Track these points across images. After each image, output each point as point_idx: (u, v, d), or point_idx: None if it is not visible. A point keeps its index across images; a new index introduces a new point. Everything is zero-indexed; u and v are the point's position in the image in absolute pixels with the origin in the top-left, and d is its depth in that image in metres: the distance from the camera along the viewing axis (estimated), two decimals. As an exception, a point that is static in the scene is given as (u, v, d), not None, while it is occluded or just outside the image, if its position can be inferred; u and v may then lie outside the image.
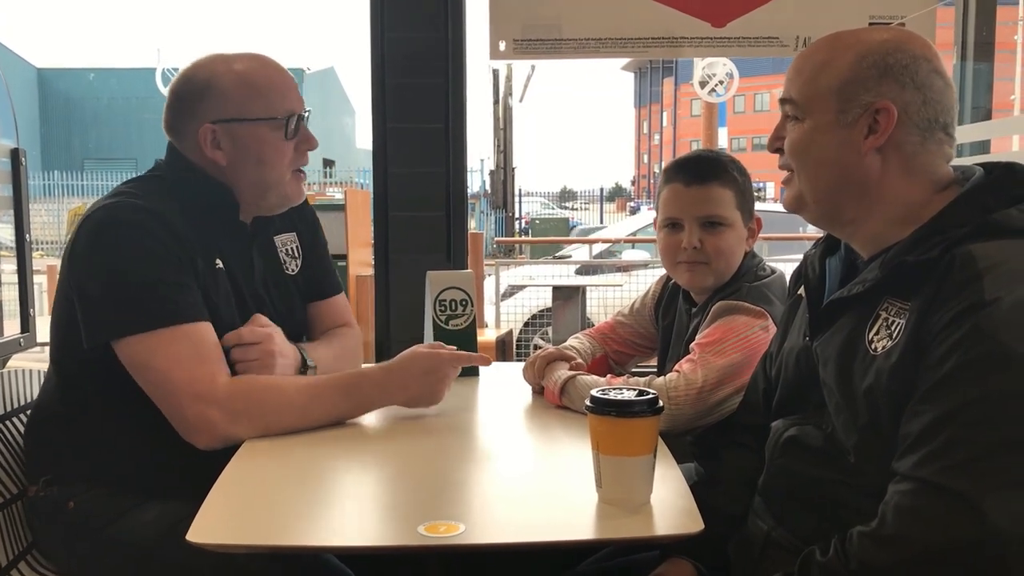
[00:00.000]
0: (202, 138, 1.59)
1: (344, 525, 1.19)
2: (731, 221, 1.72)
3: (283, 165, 1.63)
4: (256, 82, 1.61)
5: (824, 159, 1.23)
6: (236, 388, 1.48)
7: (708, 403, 1.57)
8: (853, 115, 1.19)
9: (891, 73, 1.18)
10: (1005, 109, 4.43)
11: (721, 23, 2.25)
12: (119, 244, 1.49)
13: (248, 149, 1.60)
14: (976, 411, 1.02)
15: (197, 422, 1.44)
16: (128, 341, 1.46)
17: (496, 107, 19.70)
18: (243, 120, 1.59)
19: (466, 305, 1.96)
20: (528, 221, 25.36)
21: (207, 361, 1.47)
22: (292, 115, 1.61)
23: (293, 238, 1.80)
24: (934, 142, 1.19)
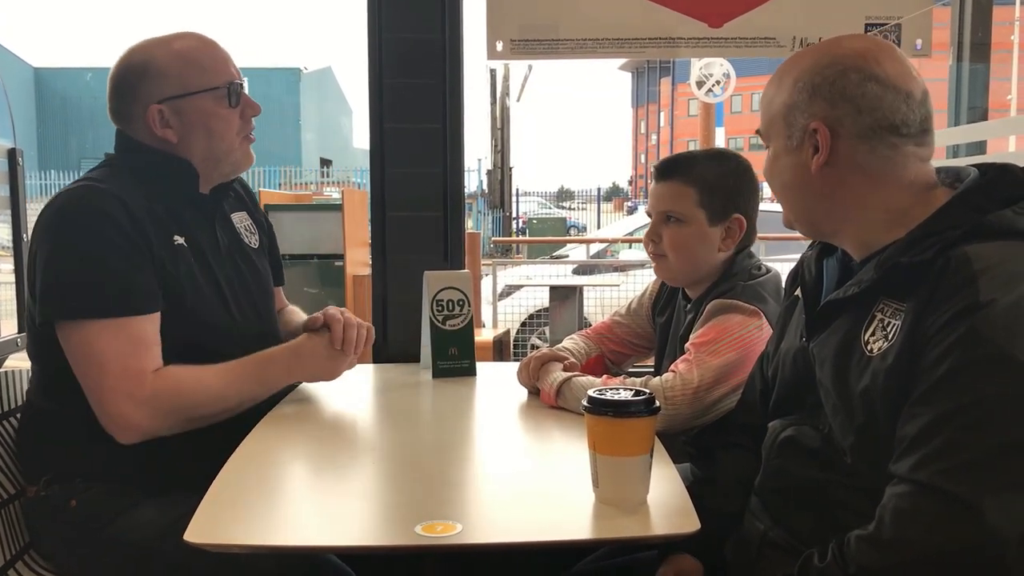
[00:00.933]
0: (150, 119, 1.63)
1: (341, 525, 1.19)
2: (688, 217, 1.74)
3: (231, 134, 1.68)
4: (193, 56, 1.65)
5: (786, 183, 1.28)
6: (160, 384, 1.50)
7: (704, 403, 1.58)
8: (796, 139, 1.23)
9: (819, 92, 1.20)
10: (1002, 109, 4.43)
11: (718, 23, 2.26)
12: (73, 227, 1.52)
13: (196, 123, 1.64)
14: (973, 413, 1.02)
15: (119, 420, 1.48)
16: (70, 324, 1.49)
17: (493, 107, 19.68)
18: (186, 95, 1.63)
19: (463, 305, 1.96)
20: (525, 221, 25.36)
21: (139, 357, 1.50)
22: (232, 83, 1.66)
23: (245, 216, 1.86)
24: (886, 147, 1.19)
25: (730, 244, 1.75)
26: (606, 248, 8.49)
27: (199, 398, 1.53)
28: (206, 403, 1.54)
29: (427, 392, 1.86)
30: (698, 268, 1.76)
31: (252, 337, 1.67)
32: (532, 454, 1.56)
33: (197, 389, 1.53)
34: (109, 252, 1.50)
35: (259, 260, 1.83)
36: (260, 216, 1.91)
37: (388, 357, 2.19)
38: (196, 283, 1.62)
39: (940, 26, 2.42)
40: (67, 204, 1.54)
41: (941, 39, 2.46)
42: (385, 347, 2.23)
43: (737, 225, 1.75)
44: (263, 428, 1.52)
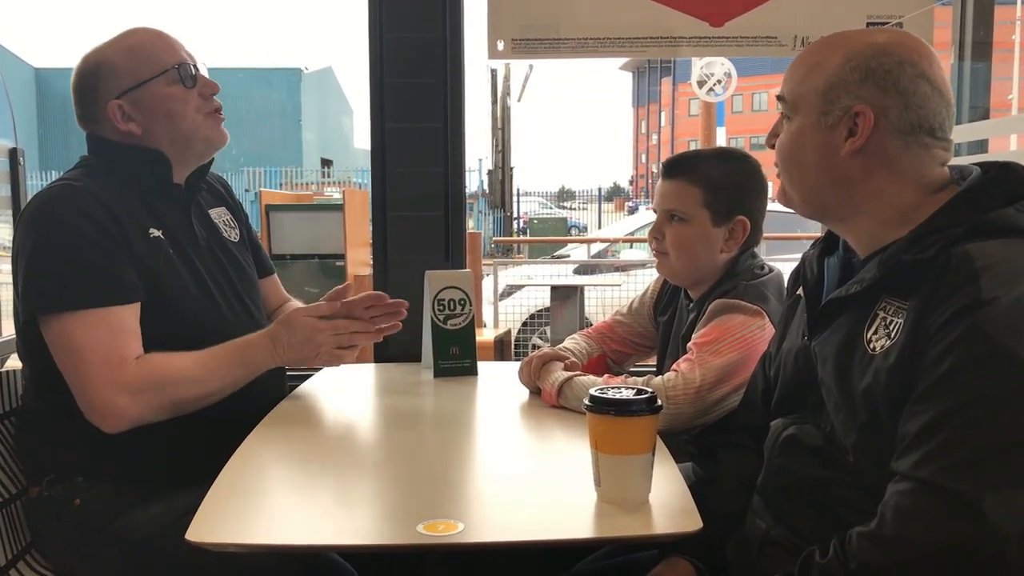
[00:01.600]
0: (112, 115, 1.66)
1: (343, 524, 1.19)
2: (690, 217, 1.73)
3: (191, 112, 1.69)
4: (140, 47, 1.68)
5: (806, 161, 1.25)
6: (142, 370, 1.51)
7: (707, 402, 1.58)
8: (834, 117, 1.20)
9: (872, 77, 1.18)
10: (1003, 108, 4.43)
11: (719, 23, 2.25)
12: (48, 224, 1.54)
13: (155, 110, 1.66)
14: (974, 411, 1.02)
15: (102, 408, 1.49)
16: (52, 318, 1.50)
17: (494, 107, 19.68)
18: (140, 84, 1.66)
19: (464, 304, 1.96)
20: (526, 221, 25.35)
21: (119, 346, 1.51)
22: (182, 64, 1.68)
23: (225, 211, 1.87)
24: (919, 146, 1.19)
25: (733, 245, 1.75)
26: (607, 248, 8.49)
27: (180, 382, 1.54)
28: (188, 387, 1.54)
29: (428, 392, 1.86)
30: (699, 268, 1.76)
31: (239, 328, 1.67)
32: (534, 453, 1.56)
33: (177, 374, 1.54)
34: (84, 246, 1.52)
35: (240, 253, 1.84)
36: (238, 210, 1.92)
37: (389, 356, 2.19)
38: (177, 274, 1.63)
39: (941, 25, 2.42)
40: (43, 204, 1.57)
41: (942, 38, 2.46)
42: (386, 347, 2.23)
43: (741, 227, 1.74)
44: (265, 427, 1.52)
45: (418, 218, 2.26)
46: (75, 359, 1.50)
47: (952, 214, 1.15)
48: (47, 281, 1.52)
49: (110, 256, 1.53)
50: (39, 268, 1.52)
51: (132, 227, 1.58)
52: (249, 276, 1.85)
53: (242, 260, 1.83)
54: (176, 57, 1.68)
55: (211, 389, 1.56)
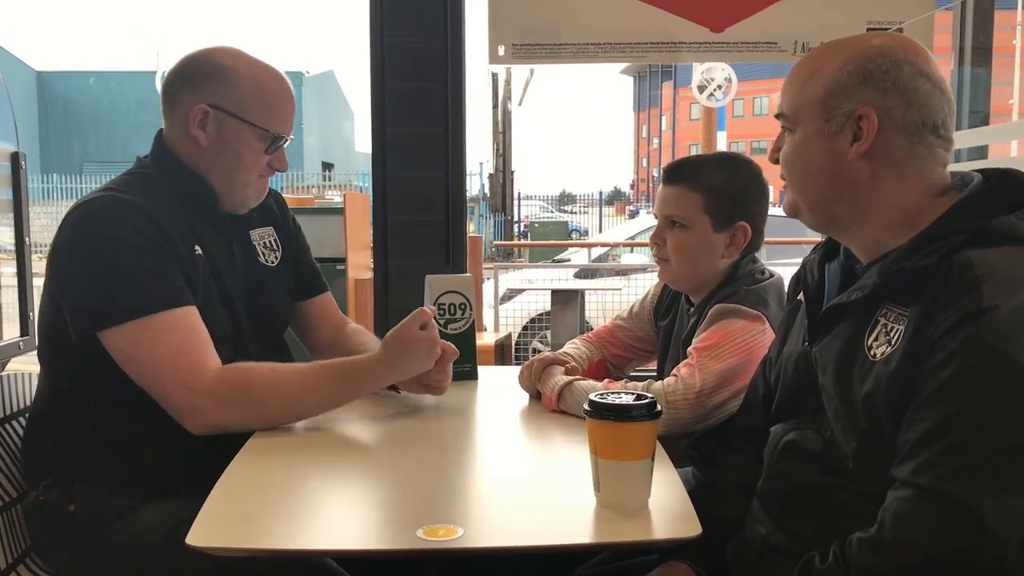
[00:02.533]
0: (193, 114, 1.62)
1: (343, 529, 1.19)
2: (691, 223, 1.73)
3: (254, 170, 1.68)
4: (268, 94, 1.66)
5: (812, 169, 1.24)
6: (225, 377, 1.49)
7: (707, 407, 1.57)
8: (837, 123, 1.20)
9: (871, 79, 1.18)
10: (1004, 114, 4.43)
11: (720, 28, 2.26)
12: (100, 236, 1.51)
13: (229, 143, 1.64)
14: (975, 418, 1.02)
15: (187, 409, 1.47)
16: (113, 331, 1.48)
17: (495, 111, 19.71)
18: (240, 119, 1.63)
19: (465, 309, 1.96)
20: (527, 224, 25.37)
21: (193, 349, 1.49)
22: (280, 137, 1.67)
23: (270, 231, 1.84)
24: (923, 146, 1.19)
25: (734, 251, 1.74)
26: (608, 252, 8.49)
27: (270, 397, 1.51)
28: (277, 402, 1.51)
29: (428, 396, 1.86)
30: (700, 273, 1.76)
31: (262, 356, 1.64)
32: (534, 458, 1.56)
33: (266, 386, 1.51)
34: (136, 255, 1.50)
35: (275, 278, 1.81)
36: (288, 230, 1.89)
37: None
38: (209, 295, 1.61)
39: (941, 30, 2.42)
40: (88, 216, 1.54)
41: (942, 43, 2.46)
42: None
43: (742, 232, 1.73)
44: (263, 432, 1.51)
45: (419, 222, 2.27)
46: (148, 367, 1.47)
47: (953, 221, 1.15)
48: (104, 297, 1.49)
49: (161, 262, 1.52)
50: (93, 285, 1.50)
51: (179, 244, 1.57)
52: (280, 303, 1.82)
53: (275, 286, 1.80)
54: (281, 128, 1.67)
55: (302, 410, 1.53)
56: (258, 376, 1.51)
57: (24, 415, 1.75)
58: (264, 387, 1.51)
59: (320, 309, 1.93)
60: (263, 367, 1.54)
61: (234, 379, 1.49)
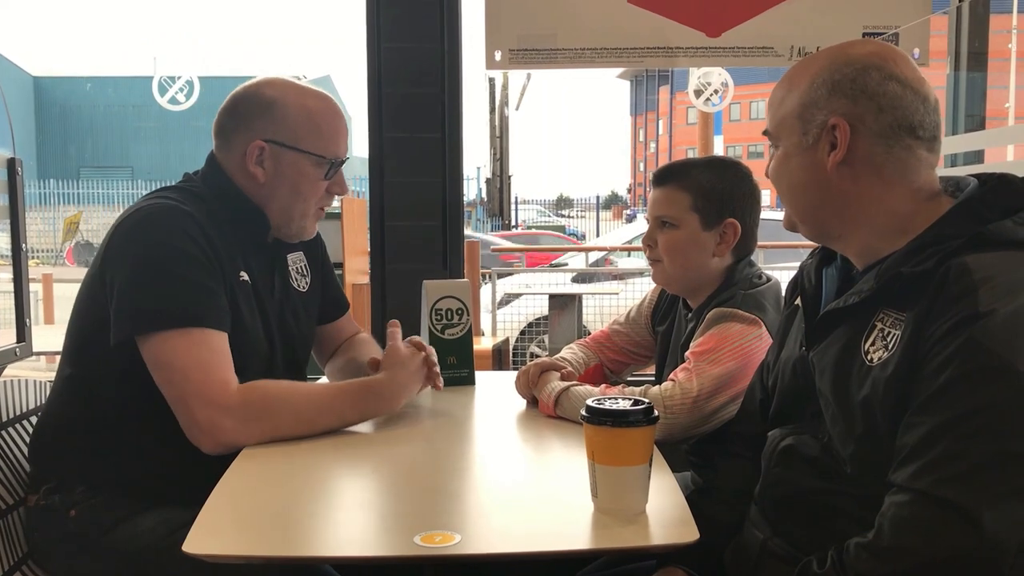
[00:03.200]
0: (250, 151, 1.63)
1: (340, 535, 1.19)
2: (679, 221, 1.74)
3: (313, 200, 1.69)
4: (318, 120, 1.67)
5: (796, 182, 1.27)
6: (246, 396, 1.49)
7: (704, 412, 1.57)
8: (813, 136, 1.22)
9: (839, 88, 1.20)
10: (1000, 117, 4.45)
11: (716, 33, 2.26)
12: (155, 242, 1.52)
13: (287, 176, 1.65)
14: (972, 422, 1.02)
15: (207, 426, 1.46)
16: (153, 337, 1.48)
17: (492, 115, 19.72)
18: (294, 148, 1.64)
19: (462, 314, 1.96)
20: (524, 228, 25.38)
21: (221, 368, 1.49)
22: (337, 160, 1.68)
23: (301, 257, 1.85)
24: (901, 148, 1.19)
25: (724, 250, 1.75)
26: (605, 256, 8.50)
27: (285, 414, 1.51)
28: (294, 420, 1.51)
29: (425, 401, 1.86)
30: (692, 273, 1.76)
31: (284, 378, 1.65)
32: (531, 463, 1.56)
33: (283, 405, 1.51)
34: (190, 266, 1.51)
35: (305, 304, 1.82)
36: (317, 253, 1.90)
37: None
38: (252, 321, 1.62)
39: (937, 34, 2.42)
40: (146, 218, 1.55)
41: (939, 47, 2.47)
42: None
43: (731, 230, 1.74)
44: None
45: (416, 227, 2.27)
46: (176, 376, 1.47)
47: (950, 226, 1.15)
48: (150, 301, 1.49)
49: (210, 281, 1.53)
50: (140, 288, 1.50)
51: (227, 265, 1.58)
52: (307, 328, 1.84)
53: (303, 313, 1.82)
54: (337, 150, 1.68)
55: (317, 429, 1.53)
56: (277, 395, 1.52)
57: (20, 422, 1.75)
58: (283, 407, 1.51)
59: (340, 330, 1.97)
60: (280, 385, 1.54)
61: (255, 399, 1.49)
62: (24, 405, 1.77)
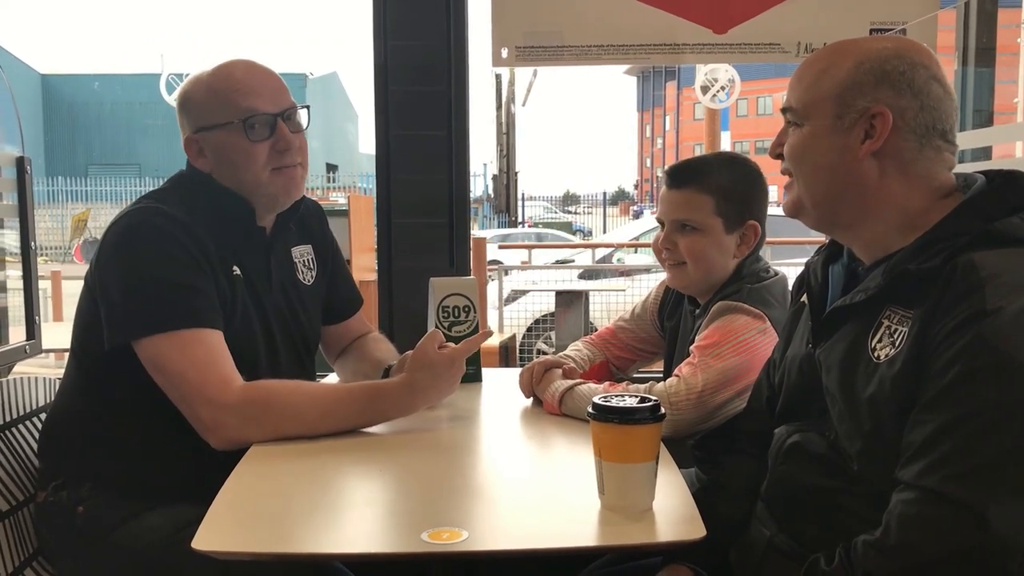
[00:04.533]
0: (189, 149, 1.66)
1: (348, 532, 1.19)
2: (704, 226, 1.72)
3: (256, 167, 1.62)
4: (217, 88, 1.63)
5: (821, 164, 1.24)
6: (248, 395, 1.49)
7: (709, 407, 1.57)
8: (850, 120, 1.20)
9: (888, 79, 1.19)
10: (1008, 112, 4.44)
11: (722, 29, 2.26)
12: (141, 247, 1.53)
13: (221, 155, 1.65)
14: (980, 420, 1.02)
15: (211, 424, 1.47)
16: (147, 341, 1.49)
17: (499, 112, 19.72)
18: (210, 128, 1.63)
19: (469, 311, 1.96)
20: (531, 225, 25.39)
21: (218, 366, 1.50)
22: (251, 115, 1.60)
23: (309, 250, 1.85)
24: (931, 148, 1.20)
25: (744, 250, 1.74)
26: (611, 253, 8.49)
27: (291, 417, 1.50)
28: (297, 421, 1.50)
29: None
30: (714, 276, 1.75)
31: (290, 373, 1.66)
32: (538, 461, 1.56)
33: (287, 406, 1.51)
34: (175, 269, 1.51)
35: (311, 298, 1.82)
36: (327, 247, 1.89)
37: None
38: (247, 316, 1.62)
39: (946, 28, 2.42)
40: (131, 227, 1.56)
41: (946, 41, 2.46)
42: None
43: (752, 231, 1.74)
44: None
45: (423, 225, 2.27)
46: (175, 379, 1.48)
47: (957, 223, 1.15)
48: (140, 305, 1.50)
49: (199, 279, 1.53)
50: (129, 293, 1.51)
51: (217, 263, 1.58)
52: (313, 323, 1.82)
53: (310, 305, 1.81)
54: (248, 105, 1.60)
55: (321, 431, 1.52)
56: (280, 395, 1.52)
57: (30, 419, 1.76)
58: (285, 407, 1.51)
59: (351, 329, 1.96)
60: (286, 386, 1.54)
61: (257, 397, 1.50)
62: (33, 403, 1.78)
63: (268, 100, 1.62)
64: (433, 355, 1.58)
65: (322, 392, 1.59)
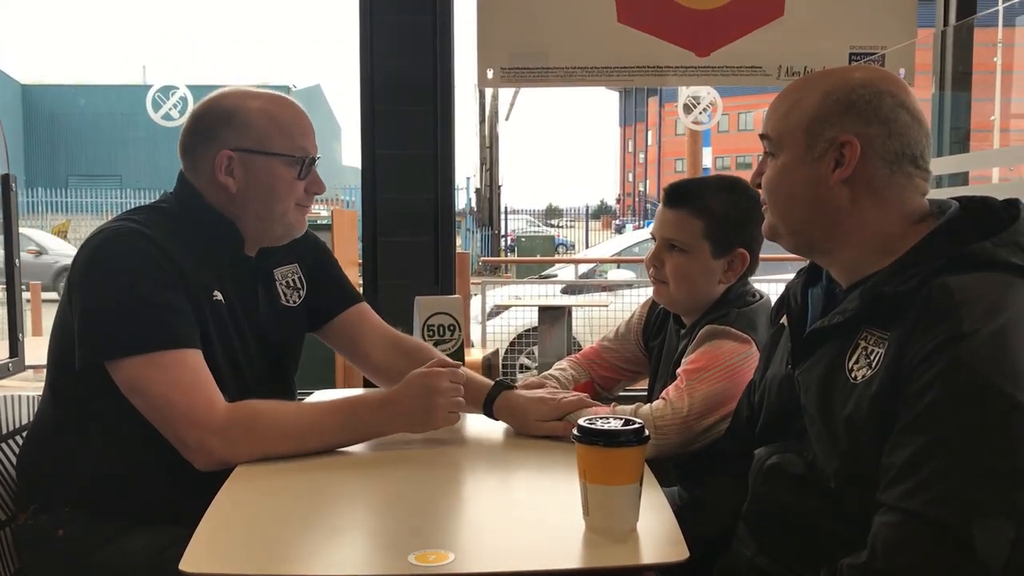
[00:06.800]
0: (218, 163, 1.61)
1: (335, 554, 1.19)
2: (690, 248, 1.74)
3: (291, 200, 1.66)
4: (280, 119, 1.65)
5: (794, 193, 1.28)
6: (234, 416, 1.48)
7: (694, 431, 1.59)
8: (820, 150, 1.24)
9: (854, 108, 1.22)
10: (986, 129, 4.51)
11: (705, 52, 2.29)
12: (118, 266, 1.50)
13: (259, 181, 1.63)
14: (959, 442, 1.04)
15: (196, 447, 1.45)
16: (125, 363, 1.47)
17: (482, 126, 19.76)
18: (262, 152, 1.62)
19: (454, 330, 1.97)
20: (514, 239, 25.39)
21: (203, 387, 1.48)
22: (307, 156, 1.66)
23: (295, 269, 1.82)
24: (902, 175, 1.22)
25: (732, 277, 1.75)
26: (594, 268, 8.52)
27: (276, 439, 1.49)
28: (282, 445, 1.50)
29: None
30: (697, 297, 1.77)
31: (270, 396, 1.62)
32: (524, 481, 1.57)
33: (270, 425, 1.50)
34: (152, 288, 1.49)
35: (295, 319, 1.80)
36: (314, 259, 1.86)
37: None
38: (226, 340, 1.60)
39: (923, 47, 2.45)
40: (106, 244, 1.53)
41: (923, 60, 2.50)
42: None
43: (740, 259, 1.75)
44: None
45: (408, 243, 2.28)
46: (159, 402, 1.46)
47: (931, 247, 1.17)
48: (115, 325, 1.48)
49: (176, 299, 1.51)
50: (104, 312, 1.48)
51: (196, 286, 1.56)
52: (294, 343, 1.81)
53: (291, 327, 1.79)
54: (305, 147, 1.66)
55: (309, 448, 1.51)
56: (265, 415, 1.50)
57: (13, 438, 1.74)
58: (270, 426, 1.50)
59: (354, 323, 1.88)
60: (270, 405, 1.53)
61: (242, 418, 1.48)
62: (17, 421, 1.77)
63: (312, 144, 1.69)
64: (415, 373, 1.58)
65: (306, 409, 1.58)
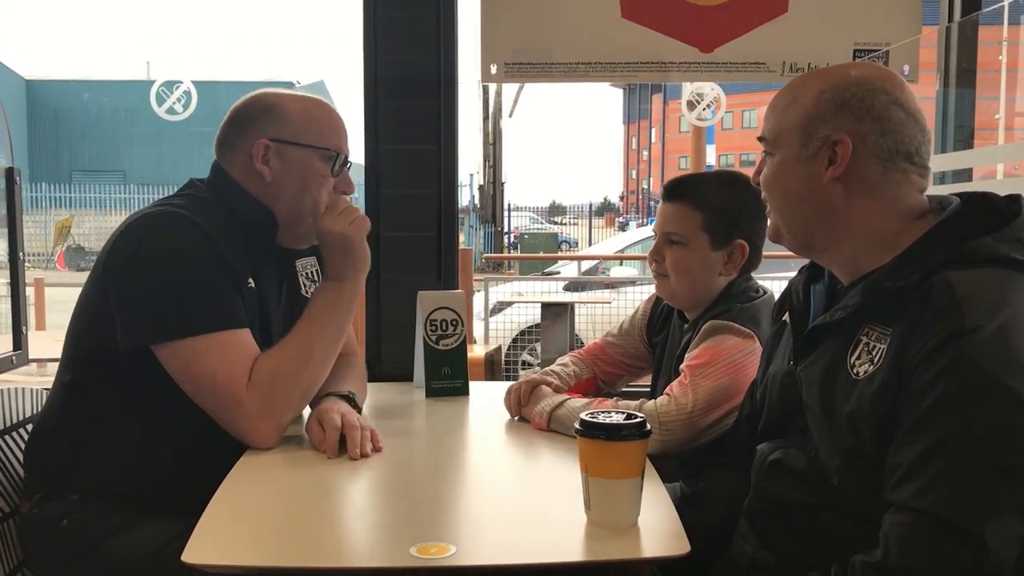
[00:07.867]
0: (255, 151, 1.65)
1: (337, 546, 1.20)
2: (689, 240, 1.75)
3: (323, 195, 1.69)
4: (317, 117, 1.70)
5: (790, 191, 1.29)
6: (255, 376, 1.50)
7: (699, 427, 1.59)
8: (813, 148, 1.25)
9: (847, 107, 1.23)
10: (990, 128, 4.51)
11: (709, 48, 2.29)
12: (164, 249, 1.52)
13: (294, 172, 1.66)
14: (967, 439, 1.04)
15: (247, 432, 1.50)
16: (177, 345, 1.49)
17: (486, 123, 19.74)
18: (298, 144, 1.66)
19: (456, 325, 1.98)
20: (517, 235, 25.38)
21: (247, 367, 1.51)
22: (340, 154, 1.70)
23: (313, 262, 1.85)
24: (897, 171, 1.22)
25: (732, 269, 1.76)
26: (597, 265, 8.52)
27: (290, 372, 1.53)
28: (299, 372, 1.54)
29: (420, 412, 1.88)
30: (698, 290, 1.77)
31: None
32: (526, 475, 1.58)
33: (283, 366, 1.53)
34: (201, 270, 1.51)
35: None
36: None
37: (381, 376, 2.21)
38: (254, 328, 1.61)
39: (927, 45, 2.45)
40: (151, 228, 1.55)
41: (927, 58, 2.49)
42: (379, 366, 2.24)
43: (739, 251, 1.75)
44: (257, 450, 1.52)
45: (411, 238, 2.28)
46: (205, 385, 1.49)
47: (932, 243, 1.18)
48: (165, 308, 1.49)
49: (221, 281, 1.53)
50: (152, 296, 1.50)
51: (235, 270, 1.58)
52: None
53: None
54: (339, 144, 1.71)
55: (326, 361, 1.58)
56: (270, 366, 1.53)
57: (17, 430, 1.75)
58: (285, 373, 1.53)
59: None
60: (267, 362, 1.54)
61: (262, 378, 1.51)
62: (20, 413, 1.78)
63: (346, 145, 1.74)
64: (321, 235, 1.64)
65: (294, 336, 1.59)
